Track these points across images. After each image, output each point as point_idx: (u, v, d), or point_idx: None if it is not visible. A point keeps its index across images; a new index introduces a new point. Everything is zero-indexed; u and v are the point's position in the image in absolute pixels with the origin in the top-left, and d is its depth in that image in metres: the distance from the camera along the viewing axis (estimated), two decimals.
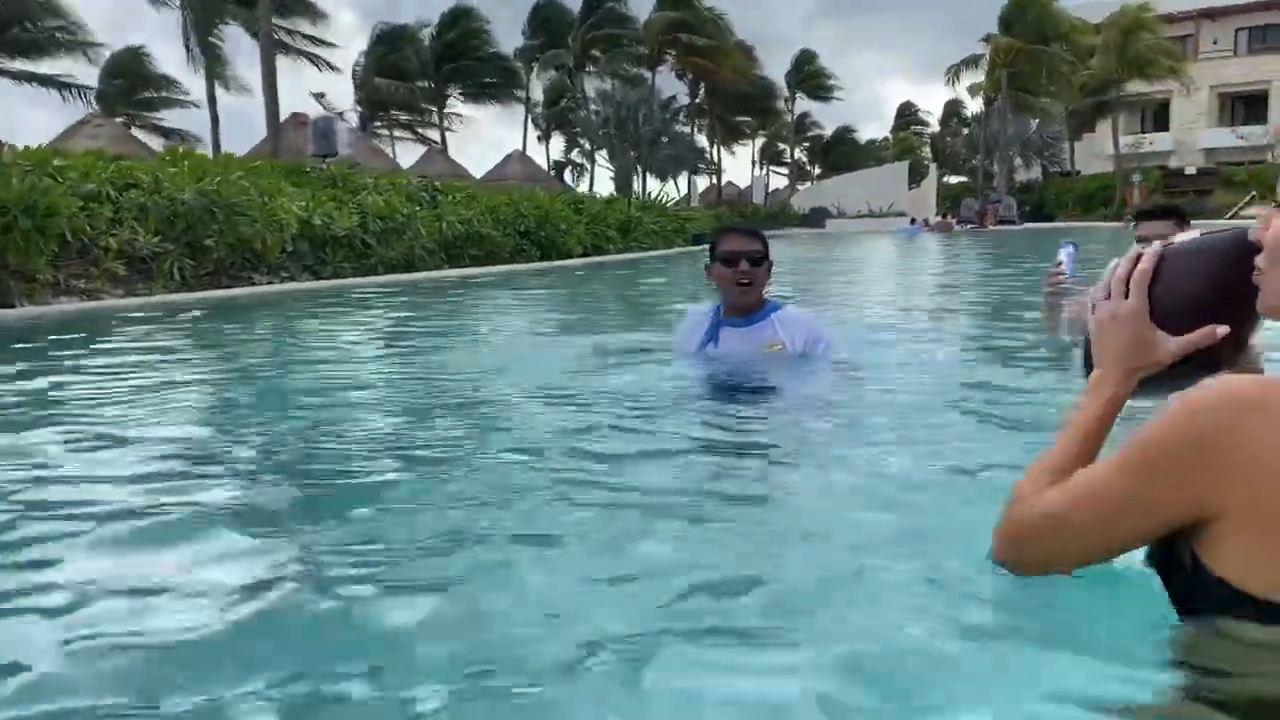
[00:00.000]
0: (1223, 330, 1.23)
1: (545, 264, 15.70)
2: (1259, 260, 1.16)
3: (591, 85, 46.96)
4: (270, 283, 11.06)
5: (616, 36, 45.12)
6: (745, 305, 4.18)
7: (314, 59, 35.33)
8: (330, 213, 12.09)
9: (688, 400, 3.83)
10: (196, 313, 8.39)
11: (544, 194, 19.48)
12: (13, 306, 8.20)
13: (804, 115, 62.92)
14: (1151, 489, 1.09)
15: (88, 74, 37.83)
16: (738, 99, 53.63)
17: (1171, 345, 1.27)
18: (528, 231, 16.05)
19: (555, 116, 51.29)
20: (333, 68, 36.89)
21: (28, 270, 8.39)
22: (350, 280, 11.76)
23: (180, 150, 12.30)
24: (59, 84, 33.53)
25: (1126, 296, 1.29)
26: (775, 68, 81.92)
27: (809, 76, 58.20)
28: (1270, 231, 1.13)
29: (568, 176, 52.14)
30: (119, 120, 36.84)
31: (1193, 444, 1.05)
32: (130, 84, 39.20)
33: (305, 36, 35.95)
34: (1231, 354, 1.30)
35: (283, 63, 35.55)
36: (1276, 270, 1.14)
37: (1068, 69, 44.41)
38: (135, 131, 36.73)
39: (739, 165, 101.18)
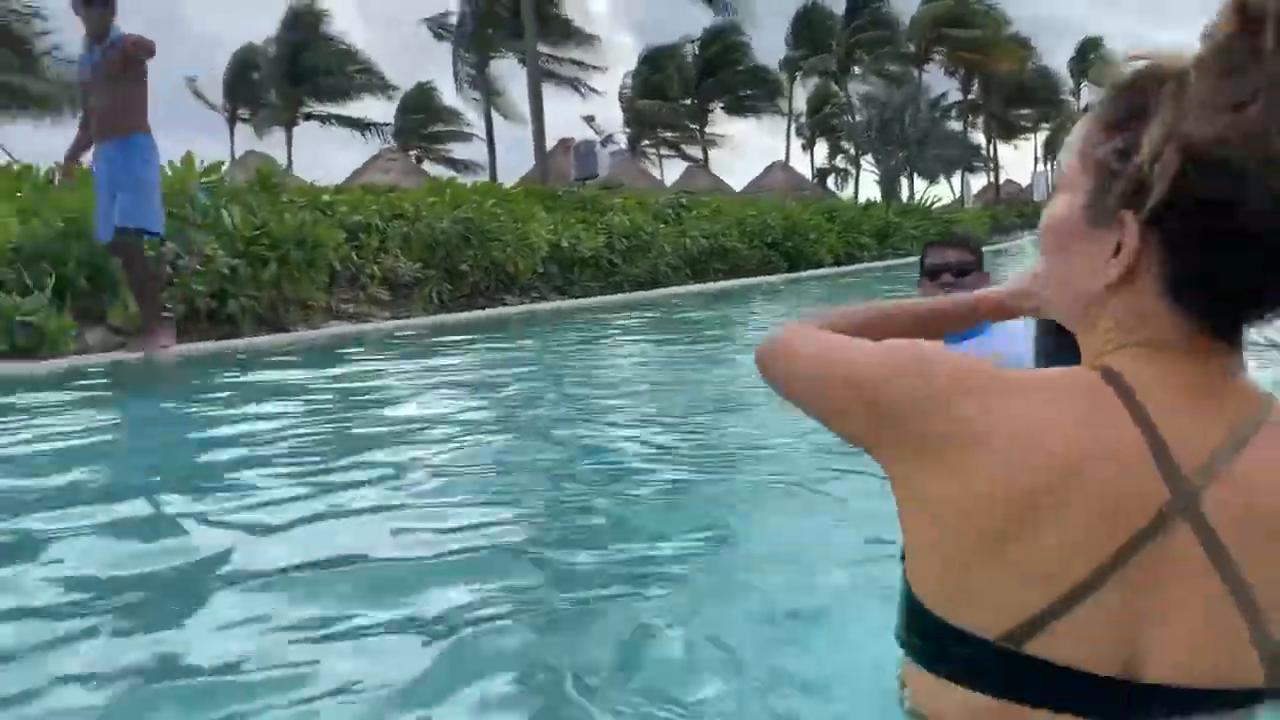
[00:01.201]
0: None
1: (791, 275, 15.47)
2: None
3: (856, 89, 46.01)
4: (521, 303, 11.57)
5: (882, 37, 44.00)
6: None
7: (577, 85, 36.88)
8: (578, 234, 12.49)
9: None
10: (454, 335, 8.89)
11: (797, 204, 19.25)
12: (288, 330, 9.03)
13: (1091, 106, 58.63)
14: (845, 399, 0.95)
15: (386, 113, 41.67)
16: (1014, 92, 50.77)
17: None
18: (775, 243, 15.88)
19: (819, 123, 50.70)
20: (595, 91, 38.36)
21: (301, 297, 9.22)
22: (595, 299, 12.07)
23: (442, 181, 13.14)
24: (360, 124, 37.00)
25: None
26: (1056, 58, 76.87)
27: (1096, 64, 54.20)
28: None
29: (831, 183, 51.33)
30: (412, 154, 40.18)
31: (877, 390, 0.90)
32: (422, 119, 42.59)
33: (574, 63, 37.71)
34: None
35: (558, 90, 37.55)
36: (1053, 255, 0.94)
37: None
38: (426, 164, 39.96)
39: (1021, 160, 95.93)
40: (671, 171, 43.76)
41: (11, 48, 26.68)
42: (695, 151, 45.88)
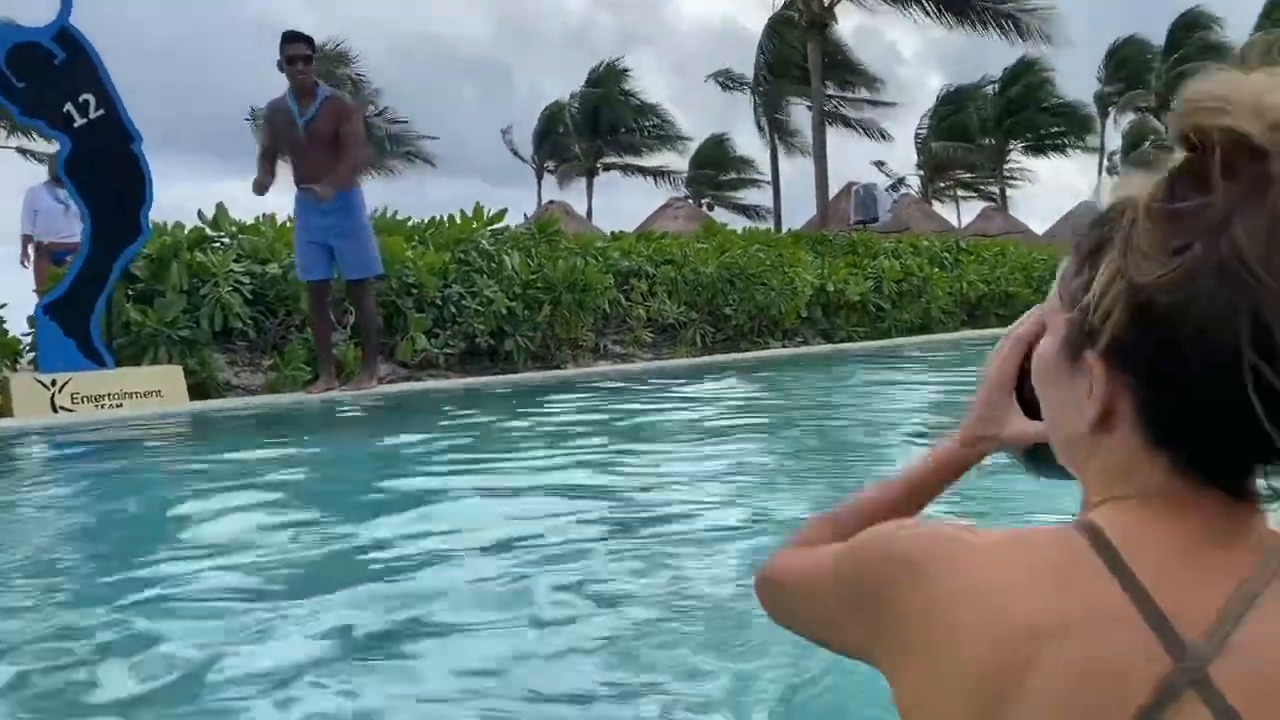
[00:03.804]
0: None
1: None
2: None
3: None
4: (783, 346, 11.63)
5: (1209, 68, 40.27)
6: None
7: (866, 129, 36.53)
8: (844, 279, 12.40)
9: None
10: (715, 374, 9.13)
11: None
12: (560, 368, 9.63)
13: None
14: (830, 605, 0.87)
15: (681, 161, 43.21)
16: None
17: (1027, 429, 0.99)
18: None
19: (1136, 160, 47.04)
20: (884, 136, 37.79)
21: (571, 337, 9.81)
22: (857, 345, 11.91)
23: (714, 225, 13.50)
24: (655, 173, 38.61)
25: None
26: None
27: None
28: (1037, 350, 0.84)
29: None
30: (703, 201, 41.39)
31: (853, 584, 0.83)
32: (713, 169, 43.79)
33: (870, 103, 37.46)
34: None
35: (853, 134, 37.43)
36: (1042, 393, 0.84)
37: None
38: (718, 210, 41.03)
39: None
40: (969, 214, 42.24)
41: None
42: (994, 191, 44.06)
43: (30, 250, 10.58)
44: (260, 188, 7.07)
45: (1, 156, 28.09)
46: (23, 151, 28.16)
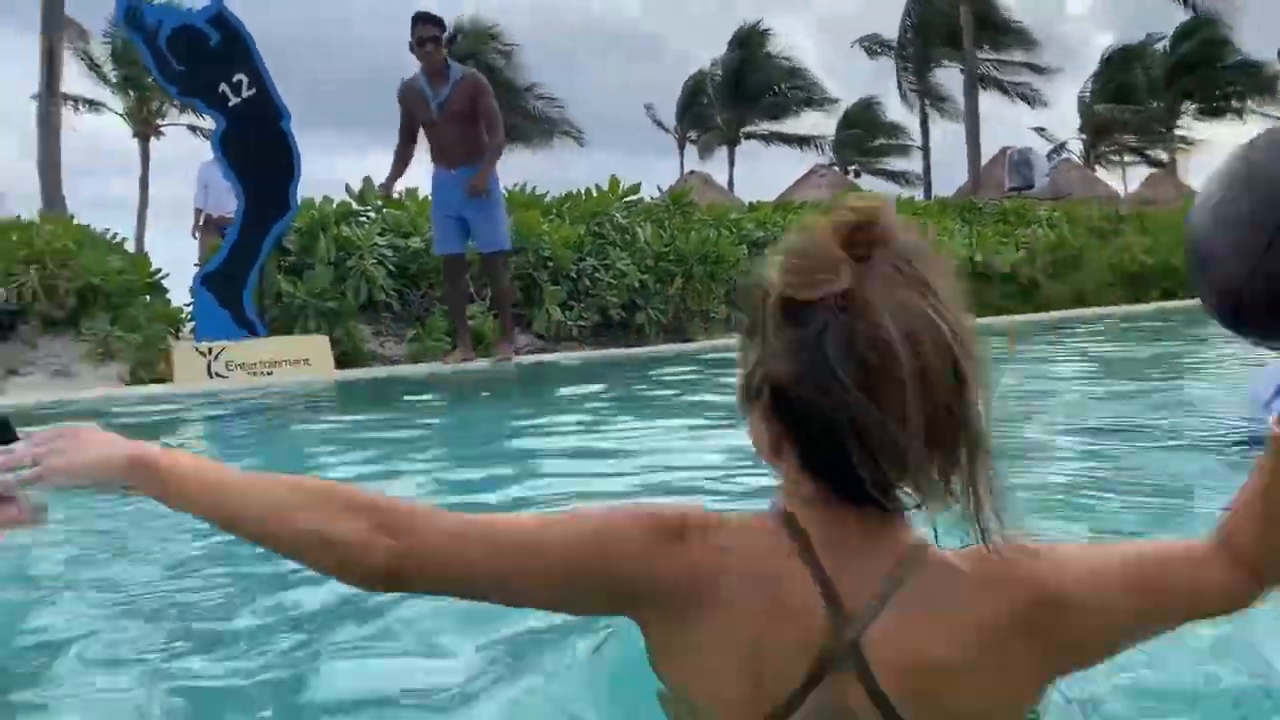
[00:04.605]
0: None
1: None
2: None
3: None
4: None
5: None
6: None
7: (1023, 95, 34.90)
8: (995, 248, 11.90)
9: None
10: None
11: None
12: (692, 340, 9.59)
13: None
14: (572, 573, 1.02)
15: (825, 128, 42.27)
16: None
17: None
18: None
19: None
20: (1031, 101, 36.02)
21: (703, 309, 9.75)
22: (1007, 318, 11.42)
23: (861, 193, 13.16)
24: (798, 140, 37.93)
25: None
26: None
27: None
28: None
29: None
30: (851, 168, 40.42)
31: (611, 555, 1.00)
32: (861, 133, 42.66)
33: (1029, 67, 35.82)
34: None
35: (1002, 100, 35.94)
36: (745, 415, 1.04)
37: None
38: (864, 177, 40.03)
39: None
40: (1135, 180, 39.90)
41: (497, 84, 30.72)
42: (1163, 156, 41.43)
43: (200, 223, 11.18)
44: (386, 192, 7.48)
45: (174, 134, 29.86)
46: (192, 129, 29.86)
